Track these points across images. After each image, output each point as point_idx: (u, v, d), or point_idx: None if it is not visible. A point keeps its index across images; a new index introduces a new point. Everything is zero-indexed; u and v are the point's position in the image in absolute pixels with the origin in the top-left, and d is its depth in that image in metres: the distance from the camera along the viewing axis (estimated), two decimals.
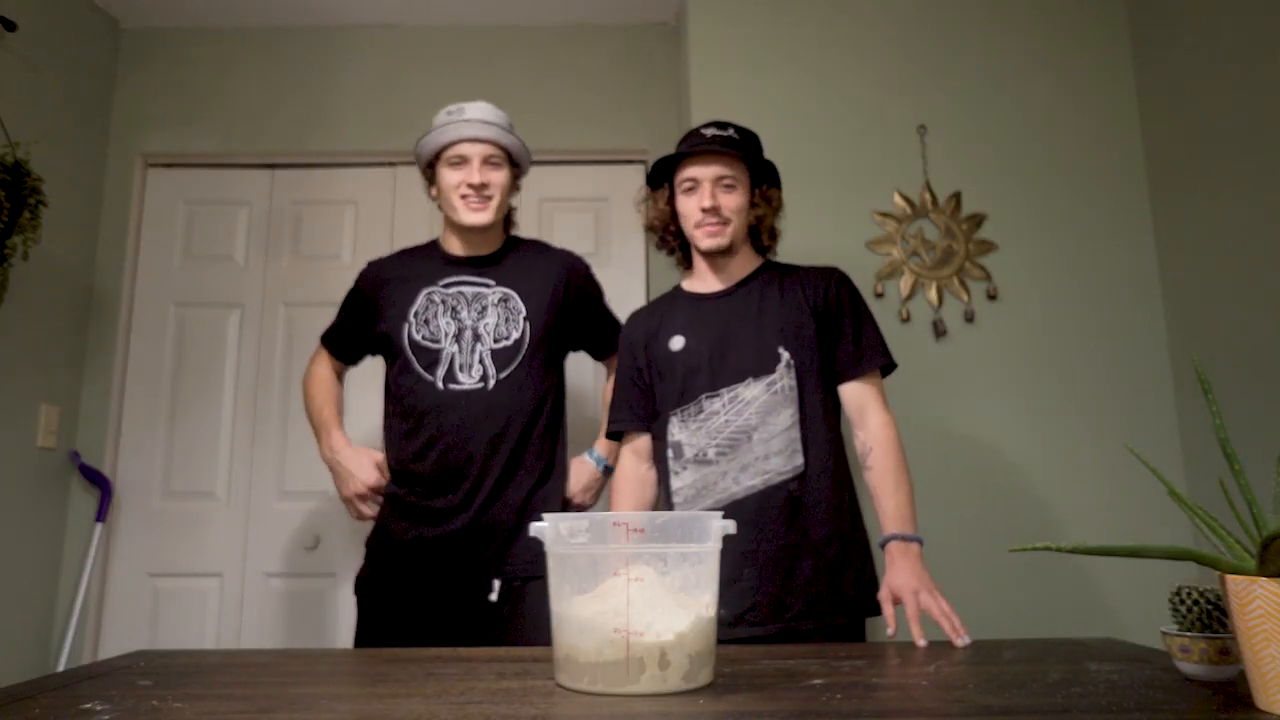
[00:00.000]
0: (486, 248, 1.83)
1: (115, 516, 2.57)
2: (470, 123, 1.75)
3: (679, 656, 0.93)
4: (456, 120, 1.76)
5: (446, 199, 1.78)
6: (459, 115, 1.77)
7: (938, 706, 0.85)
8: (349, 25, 2.82)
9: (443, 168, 1.77)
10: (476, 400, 1.69)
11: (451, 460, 1.68)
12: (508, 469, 1.69)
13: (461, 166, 1.76)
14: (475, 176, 1.74)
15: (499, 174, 1.78)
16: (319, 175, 2.79)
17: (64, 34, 2.55)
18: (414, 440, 1.70)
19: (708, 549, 0.98)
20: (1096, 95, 2.41)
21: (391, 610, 1.66)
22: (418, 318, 1.76)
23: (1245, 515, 0.86)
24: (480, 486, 1.67)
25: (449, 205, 1.78)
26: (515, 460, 1.69)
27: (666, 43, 2.83)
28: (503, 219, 1.84)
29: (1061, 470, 2.22)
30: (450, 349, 1.72)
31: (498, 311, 1.76)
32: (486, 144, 1.75)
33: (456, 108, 1.79)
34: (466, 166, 1.75)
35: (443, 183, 1.78)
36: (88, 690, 0.96)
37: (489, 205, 1.76)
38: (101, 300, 2.64)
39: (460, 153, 1.75)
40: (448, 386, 1.70)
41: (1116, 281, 2.32)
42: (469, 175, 1.74)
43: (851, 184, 2.37)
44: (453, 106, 1.80)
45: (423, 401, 1.71)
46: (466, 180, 1.74)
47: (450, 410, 1.69)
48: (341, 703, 0.92)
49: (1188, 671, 0.96)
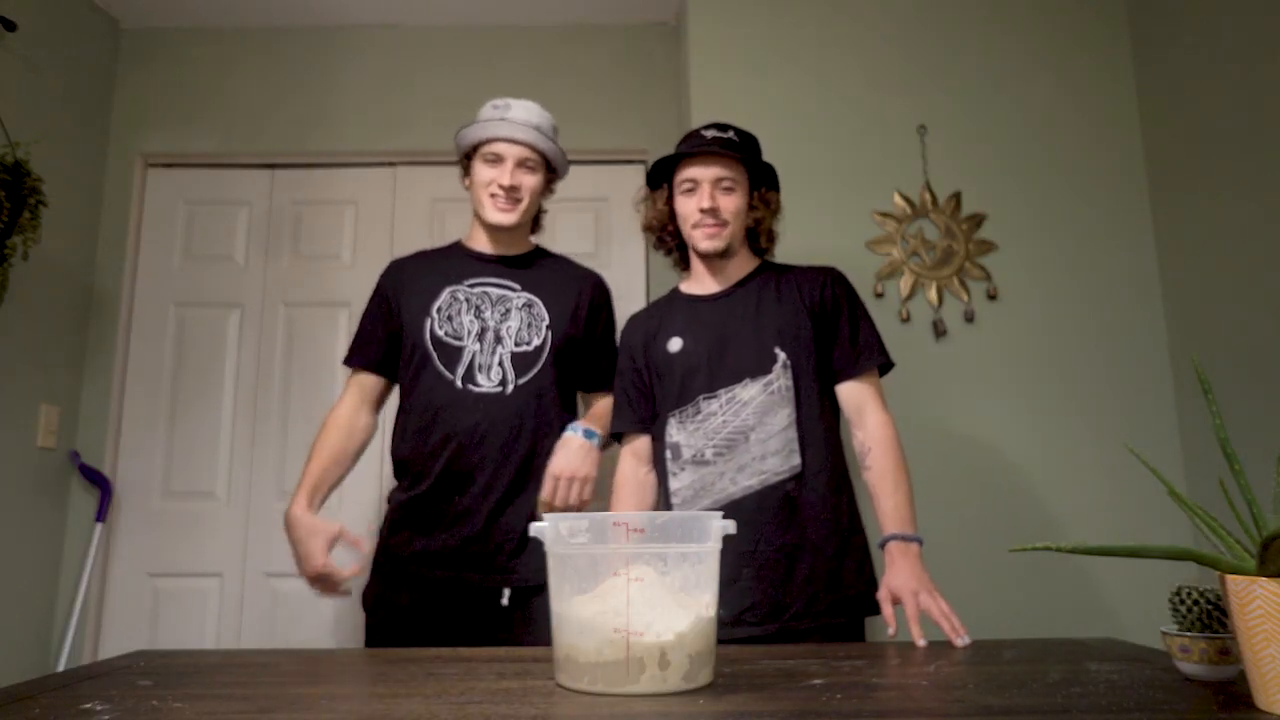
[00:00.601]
0: (514, 250, 1.82)
1: (115, 516, 2.57)
2: (511, 123, 1.73)
3: (679, 656, 0.93)
4: (499, 117, 1.74)
5: (477, 194, 1.77)
6: (504, 111, 1.75)
7: (938, 706, 0.85)
8: (349, 25, 2.82)
9: (478, 162, 1.76)
10: (494, 404, 1.66)
11: (463, 463, 1.64)
12: (520, 476, 1.65)
13: (496, 165, 1.74)
14: (507, 178, 1.72)
15: (532, 178, 1.76)
16: (319, 175, 2.79)
17: (64, 34, 2.55)
18: (426, 437, 1.67)
19: (708, 549, 0.98)
20: (1096, 95, 2.41)
21: (402, 624, 1.62)
22: (440, 313, 1.72)
23: (1245, 515, 0.86)
24: (490, 491, 1.64)
25: (478, 201, 1.77)
26: (527, 468, 1.66)
27: (666, 43, 2.83)
28: (530, 221, 1.83)
29: (1061, 470, 2.22)
30: (472, 347, 1.70)
31: (521, 315, 1.73)
32: (524, 146, 1.74)
33: (503, 103, 1.77)
34: (500, 166, 1.74)
35: (476, 177, 1.76)
36: (88, 690, 0.96)
37: (516, 208, 1.74)
38: (101, 300, 2.64)
39: (496, 151, 1.73)
40: (466, 387, 1.67)
41: (1116, 281, 2.32)
42: (501, 175, 1.73)
43: (851, 184, 2.37)
44: (499, 101, 1.78)
45: (439, 399, 1.67)
46: (498, 180, 1.73)
47: (466, 412, 1.66)
48: (341, 703, 0.92)
49: (1188, 671, 0.96)
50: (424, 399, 1.69)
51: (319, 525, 1.61)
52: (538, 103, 1.81)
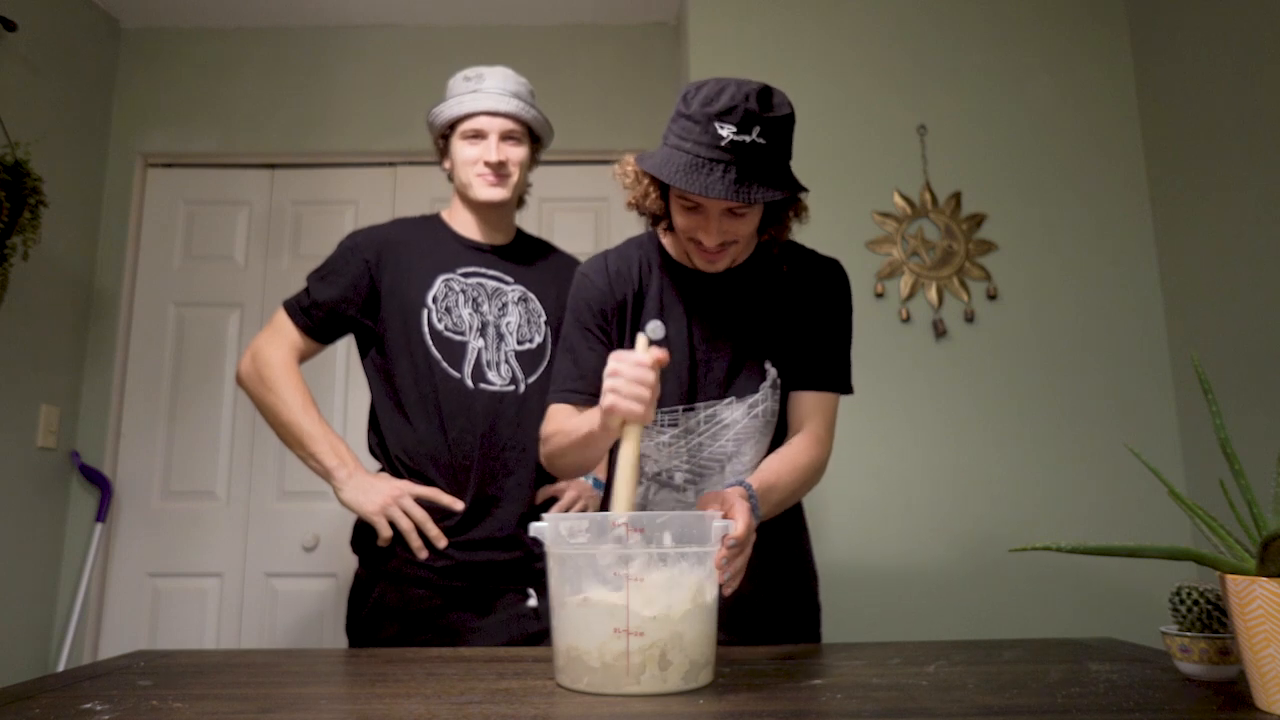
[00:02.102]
0: (502, 234, 1.72)
1: (115, 516, 2.57)
2: (489, 94, 1.61)
3: (679, 657, 0.93)
4: (473, 89, 1.63)
5: (461, 174, 1.66)
6: (478, 83, 1.63)
7: (938, 706, 0.85)
8: (349, 25, 2.83)
9: (458, 140, 1.65)
10: (510, 403, 1.58)
11: (481, 466, 1.54)
12: (539, 479, 1.58)
13: (478, 141, 1.63)
14: (493, 154, 1.61)
15: (518, 150, 1.65)
16: (319, 175, 2.79)
17: (64, 34, 2.55)
18: (437, 437, 1.56)
19: (707, 550, 0.98)
20: (1096, 95, 2.41)
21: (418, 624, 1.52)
22: (438, 304, 1.61)
23: (1245, 515, 0.86)
24: (518, 494, 1.56)
25: (463, 181, 1.65)
26: (544, 471, 1.51)
27: (666, 43, 2.83)
28: (518, 197, 1.73)
29: (1061, 470, 2.22)
30: (475, 344, 1.60)
31: (518, 311, 1.65)
32: (505, 118, 1.62)
33: (475, 73, 1.65)
34: (483, 142, 1.63)
35: (457, 157, 1.65)
36: (88, 690, 0.96)
37: (507, 182, 1.64)
38: (101, 300, 2.64)
39: (477, 127, 1.62)
40: (478, 386, 1.57)
41: (1116, 281, 2.32)
42: (486, 152, 1.62)
43: (851, 184, 2.37)
44: (470, 72, 1.65)
45: (449, 400, 1.56)
46: (484, 158, 1.62)
47: (482, 412, 1.56)
48: (341, 703, 0.92)
49: (1188, 671, 0.96)
50: (429, 398, 1.56)
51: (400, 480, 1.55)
52: (512, 69, 1.69)
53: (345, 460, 1.55)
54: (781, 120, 1.19)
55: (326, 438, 1.56)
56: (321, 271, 1.65)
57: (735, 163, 1.15)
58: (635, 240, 1.43)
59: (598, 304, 1.36)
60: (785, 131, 1.21)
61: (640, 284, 1.36)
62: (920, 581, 2.17)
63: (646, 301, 1.36)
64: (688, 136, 1.18)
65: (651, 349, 1.11)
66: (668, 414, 1.33)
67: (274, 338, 1.62)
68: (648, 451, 1.34)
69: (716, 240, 1.23)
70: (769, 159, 1.18)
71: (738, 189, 1.15)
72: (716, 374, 1.33)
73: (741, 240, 1.27)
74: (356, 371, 2.54)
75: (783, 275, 1.38)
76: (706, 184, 1.15)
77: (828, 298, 1.38)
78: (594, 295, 1.36)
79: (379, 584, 1.54)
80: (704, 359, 1.33)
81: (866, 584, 2.16)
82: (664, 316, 1.34)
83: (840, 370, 1.37)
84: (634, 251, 1.40)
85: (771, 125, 1.18)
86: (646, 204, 1.31)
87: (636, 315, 1.35)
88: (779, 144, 1.20)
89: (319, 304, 1.62)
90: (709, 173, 1.15)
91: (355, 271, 1.62)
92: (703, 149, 1.16)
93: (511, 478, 1.57)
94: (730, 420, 1.33)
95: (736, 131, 1.16)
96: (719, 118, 1.16)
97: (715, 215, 1.22)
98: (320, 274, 1.65)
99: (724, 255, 1.28)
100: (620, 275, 1.37)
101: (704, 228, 1.23)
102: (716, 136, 1.16)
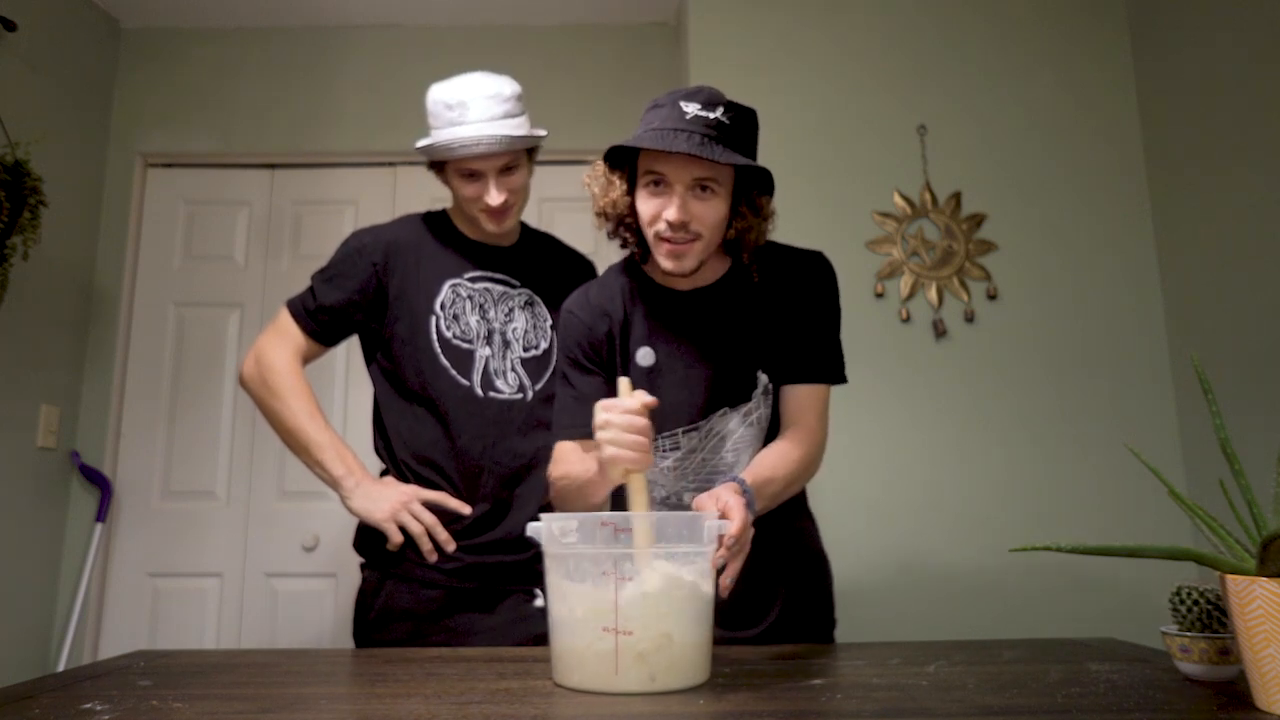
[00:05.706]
0: (508, 237, 1.68)
1: (115, 516, 2.57)
2: (477, 126, 1.51)
3: (667, 657, 0.93)
4: (457, 120, 1.52)
5: (462, 205, 1.60)
6: (461, 113, 1.52)
7: (938, 706, 0.85)
8: (349, 25, 2.83)
9: (454, 176, 1.57)
10: (519, 411, 1.56)
11: (493, 473, 1.53)
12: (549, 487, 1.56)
13: (475, 181, 1.55)
14: (495, 199, 1.54)
15: (518, 177, 1.58)
16: (319, 175, 2.79)
17: (64, 34, 2.55)
18: (445, 443, 1.54)
19: (700, 550, 0.98)
20: (1096, 95, 2.41)
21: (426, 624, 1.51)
22: (445, 311, 1.57)
23: (1245, 515, 0.86)
24: (516, 502, 1.54)
25: (465, 211, 1.61)
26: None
27: (666, 43, 2.83)
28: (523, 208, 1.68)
29: (1061, 470, 2.22)
30: (483, 352, 1.58)
31: (525, 316, 1.63)
32: (500, 154, 1.53)
33: (457, 100, 1.53)
34: (480, 181, 1.55)
35: (455, 190, 1.59)
36: (88, 690, 0.96)
37: (511, 212, 1.59)
38: (101, 300, 2.64)
39: (472, 168, 1.54)
40: (488, 394, 1.55)
41: (1116, 281, 2.32)
42: (484, 192, 1.54)
43: (851, 184, 2.37)
44: (451, 98, 1.53)
45: (457, 408, 1.54)
46: (484, 200, 1.55)
47: (491, 421, 1.54)
48: (341, 703, 0.92)
49: (1188, 671, 0.96)
50: (438, 404, 1.54)
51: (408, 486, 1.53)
52: (495, 71, 1.60)
53: (352, 469, 1.52)
54: (746, 110, 1.27)
55: (333, 445, 1.53)
56: (327, 273, 1.62)
57: (699, 132, 1.20)
58: (615, 268, 1.44)
59: (586, 340, 1.38)
60: (749, 121, 1.28)
61: (625, 312, 1.37)
62: (920, 581, 2.17)
63: (632, 329, 1.36)
64: (655, 118, 1.24)
65: (637, 393, 1.12)
66: (668, 438, 1.34)
67: (278, 340, 1.59)
68: (654, 478, 1.34)
69: (681, 215, 1.22)
70: (733, 136, 1.23)
71: (701, 147, 1.18)
72: (711, 389, 1.33)
73: (707, 231, 1.26)
74: (357, 371, 2.53)
75: (764, 279, 1.37)
76: (672, 142, 1.18)
77: (811, 289, 1.37)
78: (581, 332, 1.38)
79: (387, 585, 1.53)
80: (697, 376, 1.33)
81: (866, 584, 2.16)
82: (651, 341, 1.35)
83: (829, 361, 1.36)
84: (615, 280, 1.42)
85: (736, 110, 1.25)
86: (615, 204, 1.32)
87: (625, 342, 1.36)
88: (743, 127, 1.26)
89: (325, 308, 1.59)
90: (674, 137, 1.19)
91: (362, 275, 1.59)
92: (670, 122, 1.21)
93: (523, 484, 1.56)
94: (727, 431, 1.33)
95: (701, 108, 1.22)
96: (684, 99, 1.24)
97: (681, 191, 1.23)
98: (326, 275, 1.62)
99: (692, 250, 1.26)
100: (603, 307, 1.38)
101: (669, 207, 1.23)
102: (682, 113, 1.22)
